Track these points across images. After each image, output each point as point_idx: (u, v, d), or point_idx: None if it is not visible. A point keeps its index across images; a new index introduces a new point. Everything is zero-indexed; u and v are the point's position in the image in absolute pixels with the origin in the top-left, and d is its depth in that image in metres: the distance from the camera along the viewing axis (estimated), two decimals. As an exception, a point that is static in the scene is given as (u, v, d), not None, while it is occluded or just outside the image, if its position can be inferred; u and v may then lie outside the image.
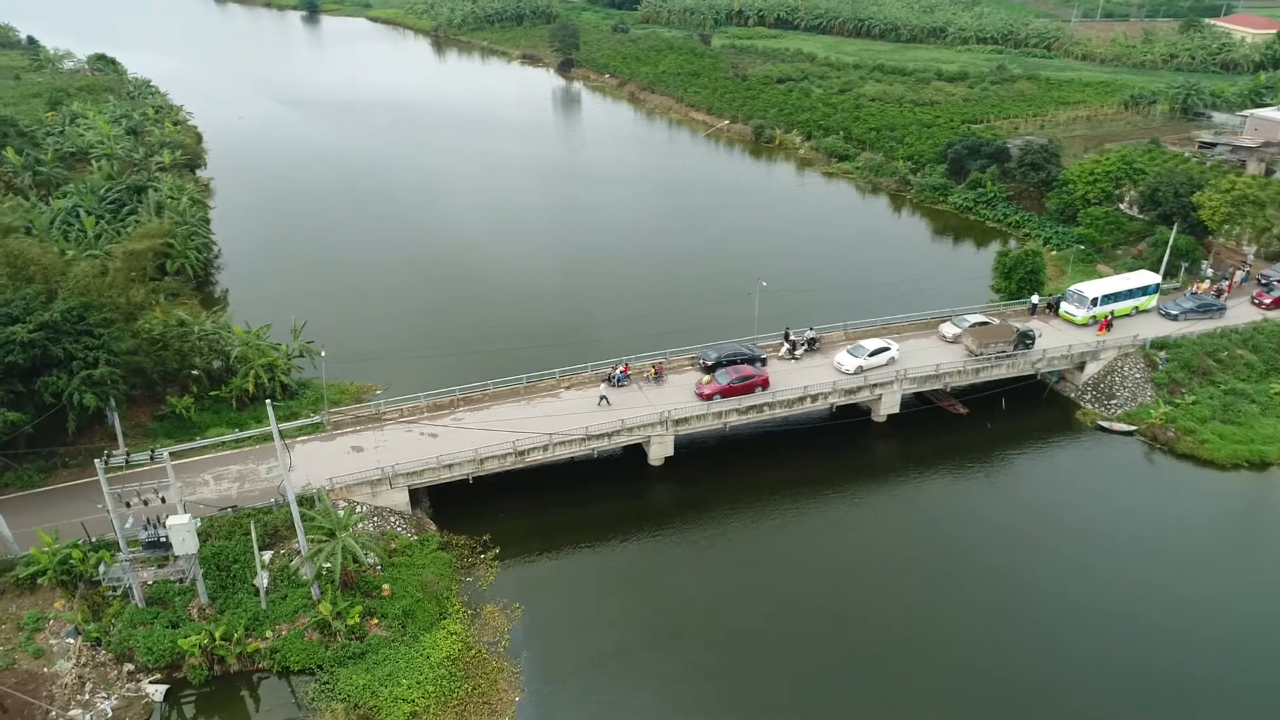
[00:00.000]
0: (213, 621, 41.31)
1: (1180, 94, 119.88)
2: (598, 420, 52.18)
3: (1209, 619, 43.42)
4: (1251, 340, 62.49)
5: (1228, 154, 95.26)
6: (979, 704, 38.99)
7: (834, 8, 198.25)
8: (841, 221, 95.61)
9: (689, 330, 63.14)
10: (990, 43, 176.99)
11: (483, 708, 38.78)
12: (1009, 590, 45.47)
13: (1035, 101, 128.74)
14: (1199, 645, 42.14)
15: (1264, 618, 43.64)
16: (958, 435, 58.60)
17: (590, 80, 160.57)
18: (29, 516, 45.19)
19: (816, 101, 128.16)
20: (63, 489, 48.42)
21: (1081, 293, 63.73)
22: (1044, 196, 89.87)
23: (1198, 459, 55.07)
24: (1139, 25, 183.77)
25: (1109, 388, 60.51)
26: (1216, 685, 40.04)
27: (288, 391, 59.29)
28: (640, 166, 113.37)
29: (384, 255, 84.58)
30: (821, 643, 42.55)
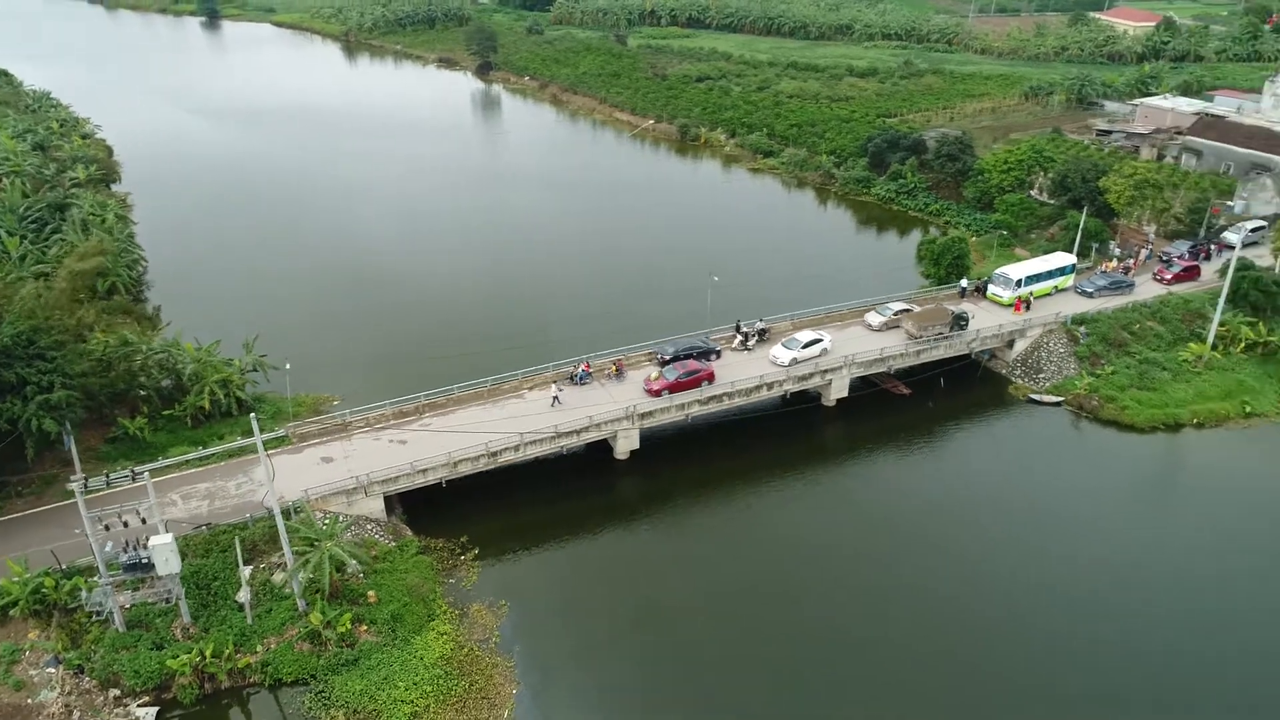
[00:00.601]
0: (199, 640, 41.09)
1: (1075, 85, 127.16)
2: (566, 418, 53.36)
3: (1136, 578, 47.04)
4: (1159, 313, 67.64)
5: (1123, 140, 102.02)
6: (936, 675, 41.46)
7: (744, 7, 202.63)
8: (774, 216, 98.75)
9: (645, 327, 64.59)
10: (895, 39, 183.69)
11: (482, 703, 39.72)
12: (957, 560, 48.37)
13: (943, 95, 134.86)
14: (1131, 605, 45.89)
15: (1186, 575, 47.73)
16: (902, 415, 61.87)
17: (510, 83, 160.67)
18: None
19: (738, 100, 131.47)
20: (21, 518, 47.19)
21: (1007, 275, 67.91)
22: (961, 186, 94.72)
23: (1120, 424, 59.61)
24: (1031, 20, 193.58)
25: (1036, 363, 64.76)
26: (1139, 643, 43.83)
27: (243, 407, 58.55)
28: (572, 168, 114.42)
29: (319, 265, 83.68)
30: (785, 619, 44.54)
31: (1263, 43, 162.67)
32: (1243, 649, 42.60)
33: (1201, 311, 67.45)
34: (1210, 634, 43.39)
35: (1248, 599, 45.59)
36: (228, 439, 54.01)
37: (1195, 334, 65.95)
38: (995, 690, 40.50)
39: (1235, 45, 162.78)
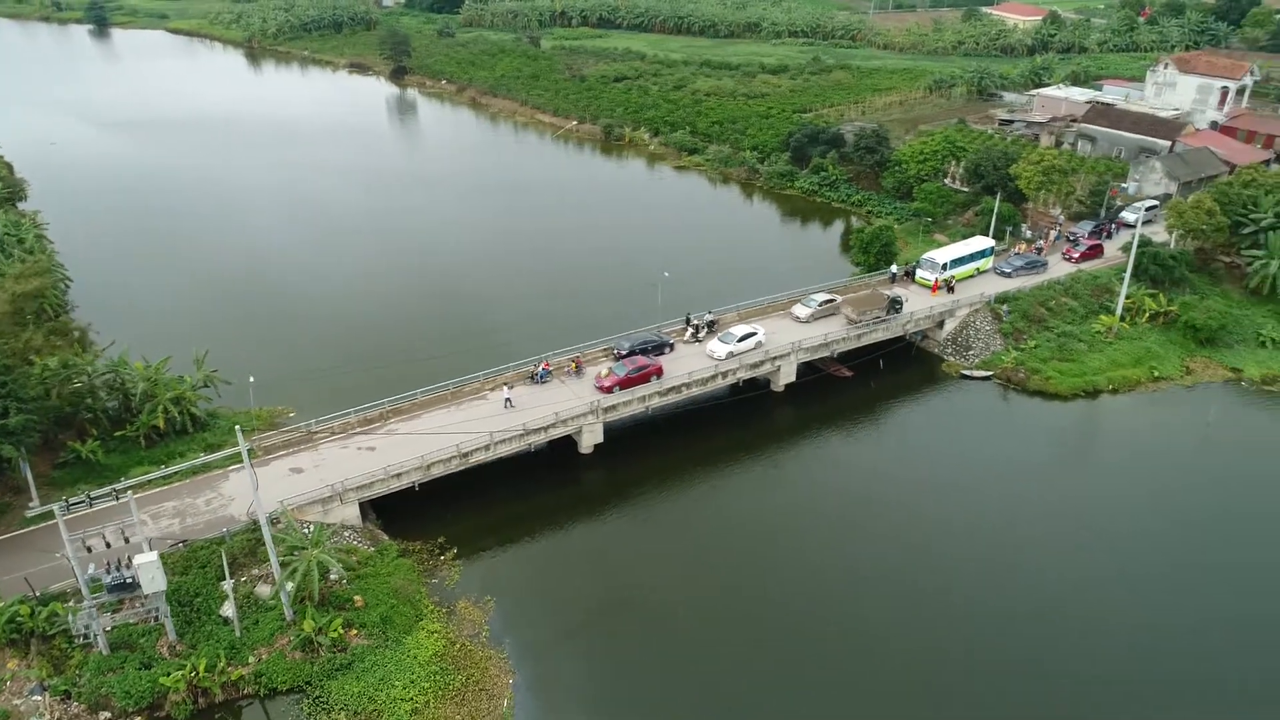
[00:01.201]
0: (188, 656, 41.02)
1: (975, 78, 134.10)
2: (534, 415, 54.61)
3: (1066, 535, 51.13)
4: (1071, 289, 72.77)
5: (1024, 129, 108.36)
6: (887, 640, 44.44)
7: (654, 6, 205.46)
8: (707, 212, 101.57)
9: (600, 324, 65.98)
10: (801, 36, 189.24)
11: (480, 694, 40.88)
12: (905, 529, 51.35)
13: (853, 89, 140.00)
14: (1062, 562, 50.02)
15: (1110, 530, 51.94)
16: (846, 397, 65.18)
17: (426, 87, 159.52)
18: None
19: (658, 99, 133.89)
20: None
21: (933, 260, 72.03)
22: (880, 176, 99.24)
23: (1045, 394, 64.20)
24: (928, 15, 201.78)
25: (965, 341, 69.02)
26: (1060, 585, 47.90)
27: (198, 423, 57.87)
28: (504, 171, 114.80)
29: (252, 277, 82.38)
30: (750, 594, 47.01)
31: (1139, 34, 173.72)
32: (1167, 598, 47.02)
33: (1108, 286, 72.87)
34: (1135, 583, 47.72)
35: (1165, 551, 50.11)
36: (187, 457, 53.54)
37: (1104, 307, 71.23)
38: (943, 653, 43.68)
39: (1115, 37, 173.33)
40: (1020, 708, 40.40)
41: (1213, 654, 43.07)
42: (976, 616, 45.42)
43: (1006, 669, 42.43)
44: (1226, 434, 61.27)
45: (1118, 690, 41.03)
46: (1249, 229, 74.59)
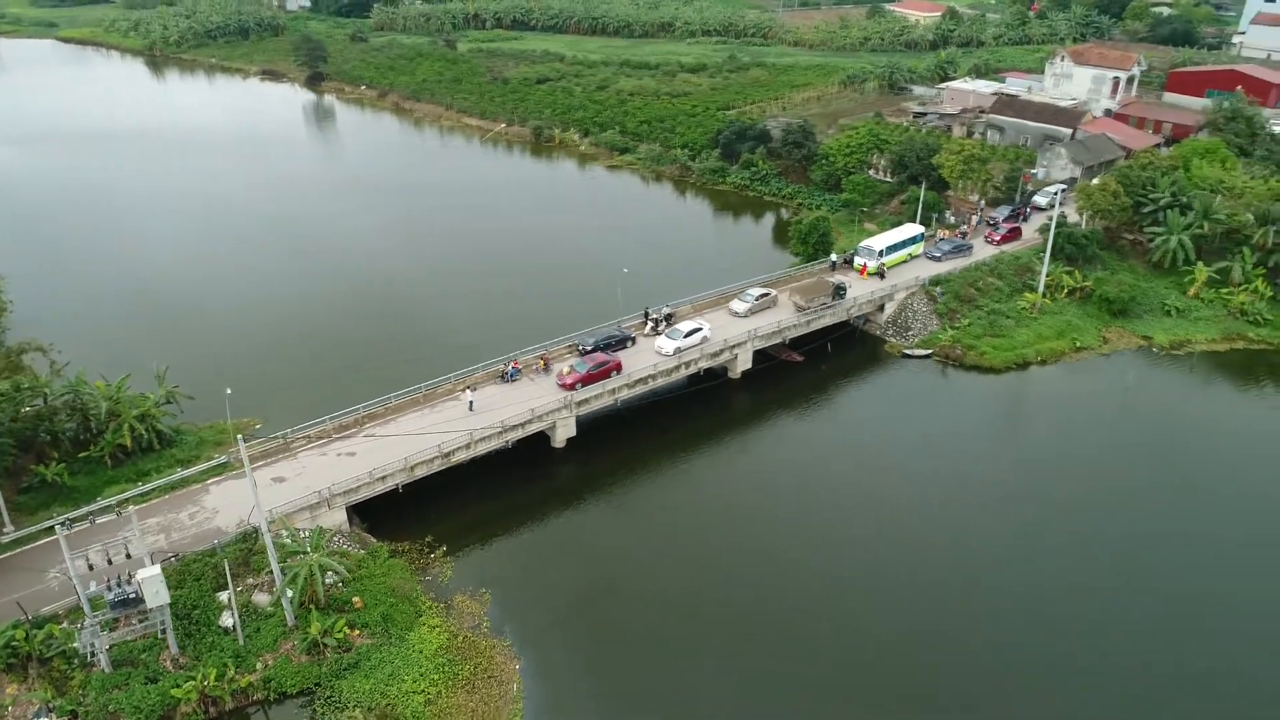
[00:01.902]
0: (192, 667, 41.28)
1: (886, 72, 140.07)
2: (511, 413, 56.05)
3: (1005, 497, 55.56)
4: (996, 270, 77.82)
5: (936, 121, 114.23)
6: (852, 598, 48.21)
7: (568, 8, 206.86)
8: (645, 210, 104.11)
9: (558, 322, 67.56)
10: (715, 35, 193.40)
11: (490, 681, 42.38)
12: (862, 499, 55.16)
13: (771, 86, 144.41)
14: (997, 522, 54.21)
15: (1042, 491, 56.39)
16: (799, 381, 68.54)
17: (345, 93, 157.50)
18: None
19: (584, 100, 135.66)
20: None
21: (870, 247, 76.09)
22: (807, 170, 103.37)
23: (980, 368, 68.84)
24: (835, 12, 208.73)
25: (905, 322, 73.24)
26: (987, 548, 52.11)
27: (164, 440, 57.34)
28: (438, 174, 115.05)
29: (191, 290, 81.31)
30: (723, 568, 49.88)
31: (1030, 28, 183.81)
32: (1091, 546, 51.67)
33: (1029, 266, 78.19)
34: (1060, 540, 52.27)
35: (1098, 511, 54.73)
36: (159, 474, 53.33)
37: (1027, 285, 76.46)
38: (900, 606, 47.29)
39: (1009, 30, 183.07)
40: (958, 663, 43.99)
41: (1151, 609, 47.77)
42: (926, 576, 49.21)
43: (947, 626, 45.96)
44: (1144, 396, 66.95)
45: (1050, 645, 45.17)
46: (1149, 208, 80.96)
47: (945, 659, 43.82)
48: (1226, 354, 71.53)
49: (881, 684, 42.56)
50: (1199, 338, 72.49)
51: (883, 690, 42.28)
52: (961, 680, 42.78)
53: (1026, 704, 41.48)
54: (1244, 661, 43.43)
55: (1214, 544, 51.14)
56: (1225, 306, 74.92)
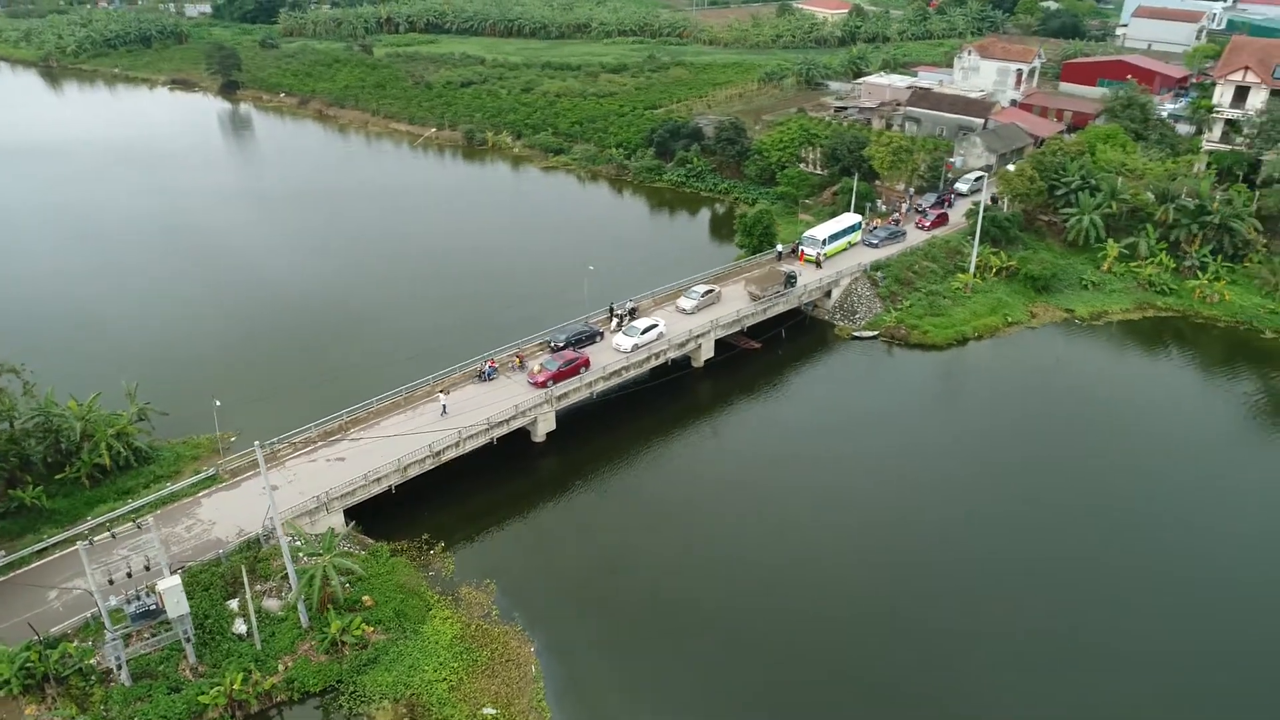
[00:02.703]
0: (212, 674, 41.85)
1: (803, 69, 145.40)
2: (493, 411, 57.66)
3: (956, 462, 60.25)
4: (929, 253, 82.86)
5: (857, 114, 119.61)
6: (823, 557, 52.13)
7: (482, 10, 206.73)
8: (588, 208, 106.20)
9: (524, 321, 69.54)
10: (631, 34, 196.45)
11: (508, 665, 44.19)
12: (824, 473, 58.96)
13: (693, 85, 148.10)
14: (945, 487, 58.90)
15: (987, 454, 61.41)
16: (758, 366, 71.96)
17: (264, 101, 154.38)
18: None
19: (514, 102, 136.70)
20: None
21: (814, 237, 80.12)
22: (741, 165, 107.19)
23: (924, 346, 73.56)
24: (746, 11, 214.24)
25: (851, 306, 77.51)
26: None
27: (141, 457, 56.90)
28: (372, 181, 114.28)
29: (141, 306, 79.86)
30: (703, 540, 53.14)
31: (931, 23, 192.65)
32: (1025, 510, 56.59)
33: (958, 248, 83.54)
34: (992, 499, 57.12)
35: (1039, 474, 59.79)
36: (144, 491, 53.20)
37: (958, 266, 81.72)
38: (861, 562, 51.26)
39: (911, 26, 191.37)
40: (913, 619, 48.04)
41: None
42: (887, 537, 53.44)
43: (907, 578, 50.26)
44: (1072, 364, 72.70)
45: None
46: (1062, 191, 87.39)
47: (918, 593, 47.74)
48: (1139, 322, 78.20)
49: (846, 617, 46.89)
50: (1114, 308, 78.98)
51: (843, 625, 46.69)
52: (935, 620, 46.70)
53: (986, 677, 45.25)
54: (1198, 624, 48.46)
55: (1137, 500, 56.60)
56: (1135, 279, 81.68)
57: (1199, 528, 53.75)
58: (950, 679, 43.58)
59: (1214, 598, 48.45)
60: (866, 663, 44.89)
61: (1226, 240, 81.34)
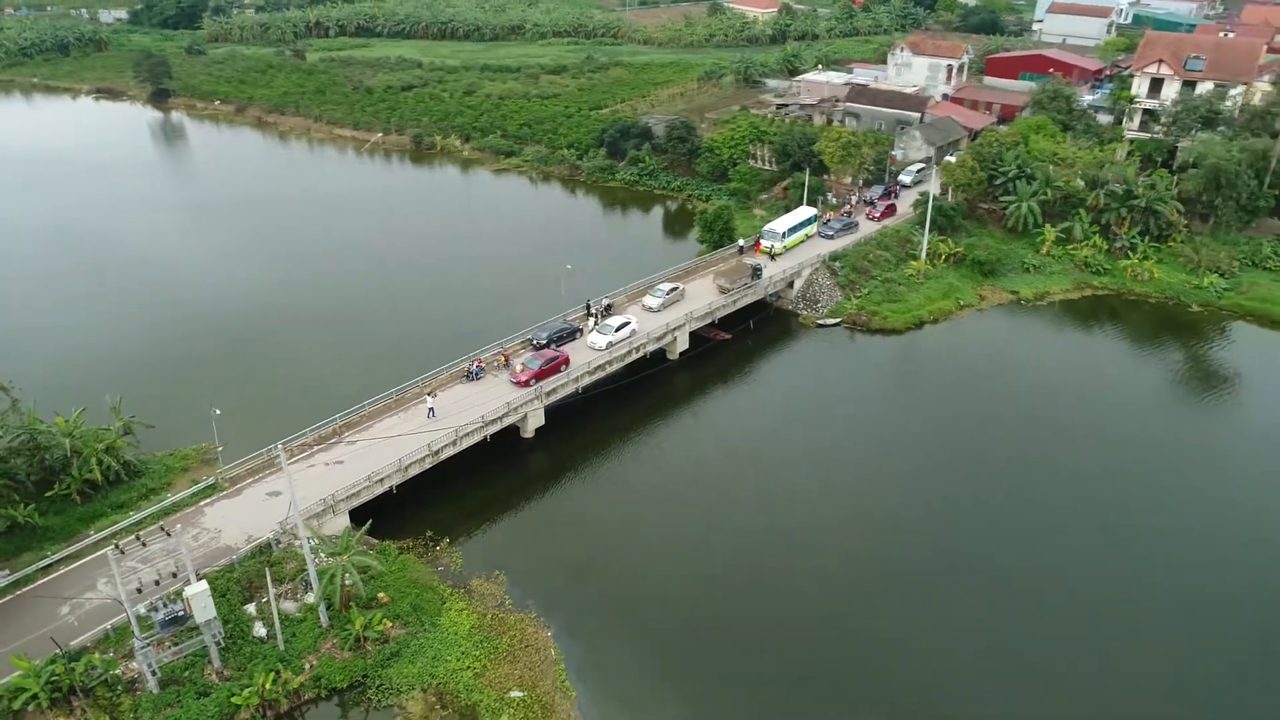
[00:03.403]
0: (238, 677, 42.50)
1: (740, 67, 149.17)
2: (483, 410, 59.02)
3: (919, 441, 63.85)
4: (882, 243, 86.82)
5: (798, 111, 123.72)
6: (800, 530, 55.10)
7: (414, 13, 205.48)
8: (544, 209, 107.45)
9: (499, 320, 71.02)
10: (566, 36, 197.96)
11: (527, 650, 45.82)
12: (805, 452, 61.95)
13: (634, 84, 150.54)
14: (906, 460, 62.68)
15: (949, 434, 65.34)
16: (730, 356, 74.61)
17: (198, 109, 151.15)
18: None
19: (460, 105, 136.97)
20: None
21: (774, 230, 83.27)
22: (692, 163, 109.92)
23: (885, 330, 77.27)
24: (677, 10, 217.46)
25: (813, 296, 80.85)
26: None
27: (131, 470, 56.60)
28: (324, 188, 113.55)
29: (101, 320, 78.74)
30: (696, 519, 55.65)
31: (857, 20, 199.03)
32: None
33: (909, 237, 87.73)
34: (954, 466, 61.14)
35: (991, 440, 63.86)
36: (141, 503, 53.21)
37: (910, 254, 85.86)
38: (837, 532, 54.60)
39: (839, 24, 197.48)
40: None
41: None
42: (861, 508, 56.99)
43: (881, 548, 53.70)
44: (1020, 343, 77.30)
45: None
46: (1000, 180, 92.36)
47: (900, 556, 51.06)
48: (1078, 300, 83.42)
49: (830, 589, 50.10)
50: (1055, 289, 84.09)
51: (822, 595, 49.91)
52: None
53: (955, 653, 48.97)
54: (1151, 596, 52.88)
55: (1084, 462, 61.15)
56: (1072, 260, 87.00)
57: (1139, 476, 59.16)
58: (910, 623, 46.95)
59: (1154, 541, 53.36)
60: (842, 610, 48.44)
61: (1152, 222, 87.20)
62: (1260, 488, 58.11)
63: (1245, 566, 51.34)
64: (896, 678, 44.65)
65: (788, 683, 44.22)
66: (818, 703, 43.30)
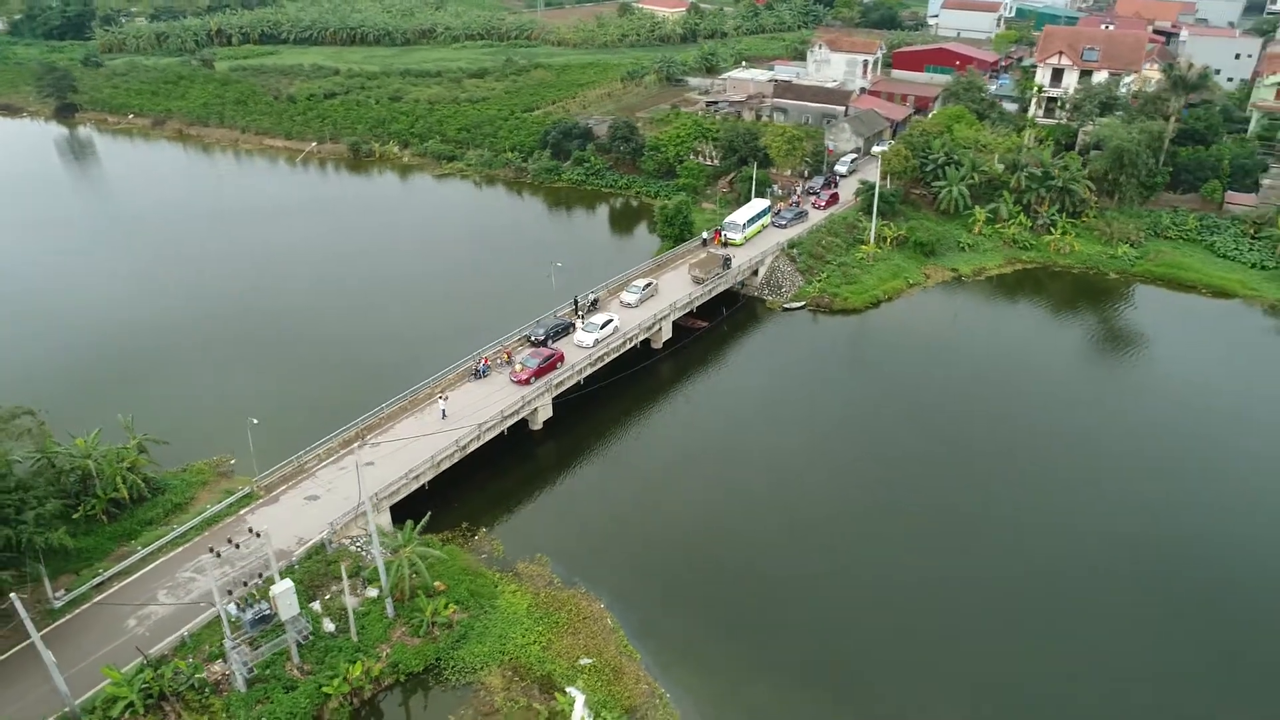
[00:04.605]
0: (320, 670, 44.31)
1: (662, 66, 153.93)
2: (497, 406, 61.67)
3: (891, 412, 70.11)
4: (832, 230, 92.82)
5: (728, 108, 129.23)
6: (783, 492, 60.73)
7: (320, 19, 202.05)
8: (499, 211, 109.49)
9: (491, 320, 73.46)
10: (479, 38, 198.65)
11: (586, 622, 49.02)
12: (787, 425, 67.09)
13: (559, 86, 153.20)
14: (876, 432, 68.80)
15: (914, 406, 71.77)
16: (706, 343, 79.04)
17: (110, 124, 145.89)
18: (10, 690, 41.96)
19: (392, 111, 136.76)
20: (51, 634, 44.31)
21: (735, 222, 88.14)
22: (636, 161, 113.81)
23: (846, 311, 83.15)
24: (588, 11, 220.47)
25: (776, 282, 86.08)
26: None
27: (153, 487, 56.89)
28: (256, 200, 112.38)
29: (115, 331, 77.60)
30: (708, 485, 60.46)
31: (762, 18, 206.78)
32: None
33: (854, 223, 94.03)
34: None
35: (951, 403, 70.57)
36: (163, 521, 53.98)
37: (858, 239, 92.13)
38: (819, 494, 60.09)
39: (745, 21, 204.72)
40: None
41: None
42: (838, 471, 62.79)
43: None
44: (966, 314, 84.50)
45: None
46: (930, 166, 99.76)
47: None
48: (1010, 275, 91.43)
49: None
50: (990, 265, 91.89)
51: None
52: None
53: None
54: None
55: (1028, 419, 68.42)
56: (1001, 238, 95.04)
57: (1069, 421, 67.02)
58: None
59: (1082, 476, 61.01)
60: (832, 554, 53.99)
61: (1067, 200, 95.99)
62: (1165, 413, 68.30)
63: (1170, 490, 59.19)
64: (888, 612, 50.05)
65: (815, 622, 49.10)
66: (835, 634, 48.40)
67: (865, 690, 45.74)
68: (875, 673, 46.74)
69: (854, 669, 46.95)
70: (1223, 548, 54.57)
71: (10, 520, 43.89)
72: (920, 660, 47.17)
